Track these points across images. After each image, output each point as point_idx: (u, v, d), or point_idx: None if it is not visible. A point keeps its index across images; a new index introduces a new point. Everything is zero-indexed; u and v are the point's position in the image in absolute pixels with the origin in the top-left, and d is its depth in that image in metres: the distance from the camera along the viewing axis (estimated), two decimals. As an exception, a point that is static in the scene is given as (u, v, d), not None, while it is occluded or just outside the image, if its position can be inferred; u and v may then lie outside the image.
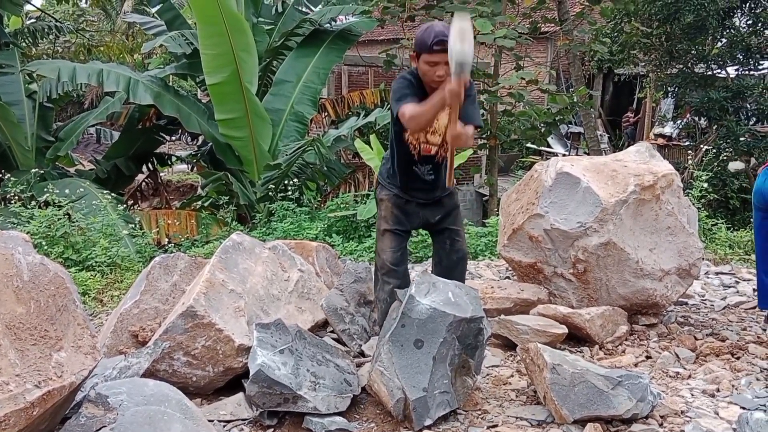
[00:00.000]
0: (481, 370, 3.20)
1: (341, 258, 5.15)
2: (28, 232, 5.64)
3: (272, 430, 2.91)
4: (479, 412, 3.03)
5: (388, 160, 3.62)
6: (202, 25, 8.55)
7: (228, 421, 2.97)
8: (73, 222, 6.65)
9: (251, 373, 2.83)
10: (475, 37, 8.14)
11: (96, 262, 5.99)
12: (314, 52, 10.33)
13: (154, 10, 11.38)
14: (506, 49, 8.29)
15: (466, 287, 3.22)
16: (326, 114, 12.56)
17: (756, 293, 4.29)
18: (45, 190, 7.31)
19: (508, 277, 5.07)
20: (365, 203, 7.31)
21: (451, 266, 3.56)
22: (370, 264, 5.06)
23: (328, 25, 10.75)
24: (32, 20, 15.25)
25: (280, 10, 11.65)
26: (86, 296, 5.25)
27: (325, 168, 9.39)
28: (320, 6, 11.25)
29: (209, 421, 2.79)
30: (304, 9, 11.47)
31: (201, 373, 3.13)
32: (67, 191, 7.42)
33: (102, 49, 17.30)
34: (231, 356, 3.14)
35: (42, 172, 9.43)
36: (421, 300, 2.92)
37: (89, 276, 5.65)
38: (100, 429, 2.34)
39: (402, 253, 3.52)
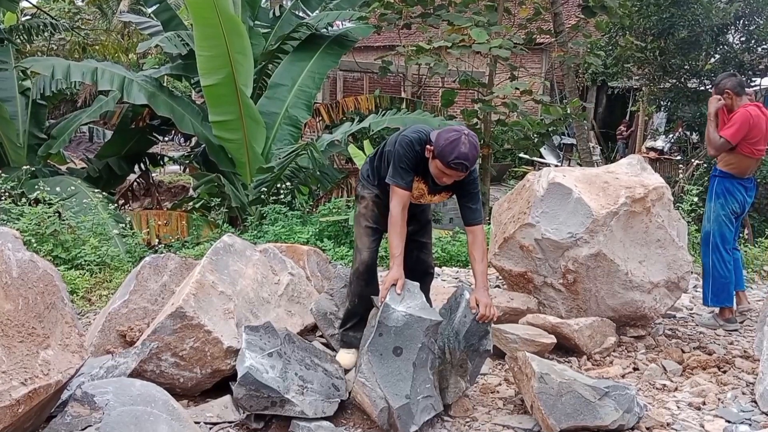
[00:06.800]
0: (475, 381, 3.21)
1: (332, 263, 5.14)
2: (17, 229, 5.59)
3: (258, 433, 2.91)
4: (466, 420, 3.03)
5: (371, 162, 3.60)
6: (198, 26, 8.54)
7: (214, 423, 2.96)
8: (63, 220, 6.61)
9: (239, 375, 2.82)
10: (470, 47, 8.25)
11: (85, 260, 5.95)
12: (310, 57, 10.31)
13: (150, 10, 11.34)
14: (501, 59, 8.33)
15: None
16: (320, 119, 12.54)
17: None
18: (36, 187, 7.26)
19: (498, 286, 5.08)
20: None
21: (415, 280, 3.38)
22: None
23: (325, 30, 10.73)
24: (27, 17, 15.18)
25: (277, 14, 11.66)
26: (75, 295, 5.22)
27: (318, 172, 9.36)
28: (317, 11, 11.25)
29: (195, 422, 2.79)
30: (300, 13, 11.46)
31: (188, 375, 3.12)
32: (58, 189, 7.37)
33: (97, 47, 17.22)
34: (219, 358, 3.13)
35: (33, 169, 9.36)
36: (396, 307, 2.92)
37: (78, 275, 5.61)
38: (85, 428, 2.33)
39: (377, 253, 3.50)
